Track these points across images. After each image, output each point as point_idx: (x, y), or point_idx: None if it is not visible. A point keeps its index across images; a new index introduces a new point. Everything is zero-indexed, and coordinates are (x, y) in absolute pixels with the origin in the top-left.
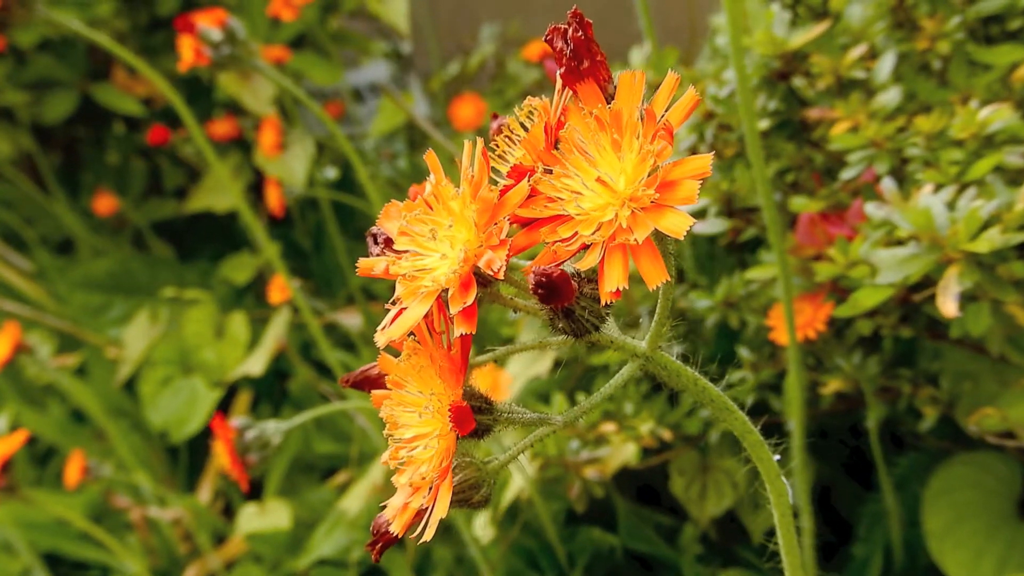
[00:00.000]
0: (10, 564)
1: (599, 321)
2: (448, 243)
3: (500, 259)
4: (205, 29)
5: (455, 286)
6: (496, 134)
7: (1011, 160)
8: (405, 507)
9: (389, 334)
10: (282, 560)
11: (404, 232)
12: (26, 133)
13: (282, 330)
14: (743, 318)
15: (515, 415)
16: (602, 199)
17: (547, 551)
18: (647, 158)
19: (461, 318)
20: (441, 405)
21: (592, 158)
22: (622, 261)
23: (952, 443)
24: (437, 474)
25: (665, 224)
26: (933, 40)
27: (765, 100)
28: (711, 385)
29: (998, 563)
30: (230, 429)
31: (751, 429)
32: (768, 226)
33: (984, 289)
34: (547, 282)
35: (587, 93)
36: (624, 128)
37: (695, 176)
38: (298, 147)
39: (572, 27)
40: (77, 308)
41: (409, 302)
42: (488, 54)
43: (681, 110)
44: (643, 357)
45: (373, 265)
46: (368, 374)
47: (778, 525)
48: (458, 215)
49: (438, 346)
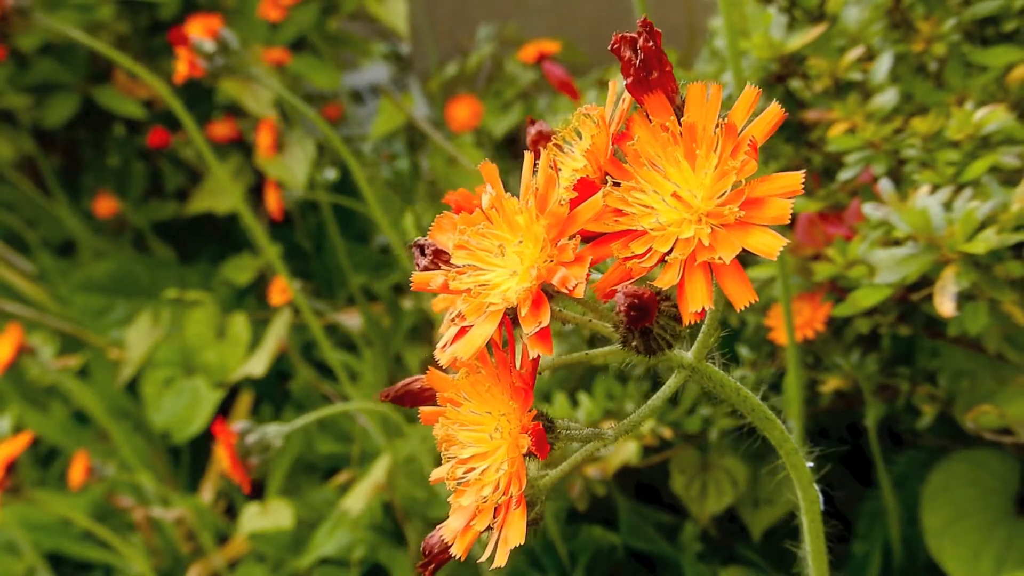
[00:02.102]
0: (14, 565)
1: (674, 340)
2: (518, 258)
3: (577, 276)
4: (198, 41)
5: (527, 305)
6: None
7: (1007, 161)
8: (467, 529)
9: (455, 352)
10: (284, 559)
11: (463, 246)
12: (27, 136)
13: (283, 331)
14: (742, 317)
15: (572, 432)
16: (678, 214)
17: (549, 549)
18: (728, 173)
19: (536, 339)
20: (511, 425)
21: (664, 172)
22: (705, 280)
23: (950, 441)
24: (507, 497)
25: (754, 243)
26: (929, 42)
27: (763, 102)
28: (752, 395)
29: (996, 560)
30: (231, 433)
31: (787, 438)
32: None
33: (981, 288)
34: (639, 304)
35: (656, 104)
36: (700, 141)
37: (786, 194)
38: (298, 149)
39: (642, 36)
40: (79, 310)
41: (474, 319)
42: (486, 55)
43: (765, 124)
44: (689, 368)
45: (429, 280)
46: (410, 388)
47: (807, 531)
48: (525, 230)
49: (502, 364)
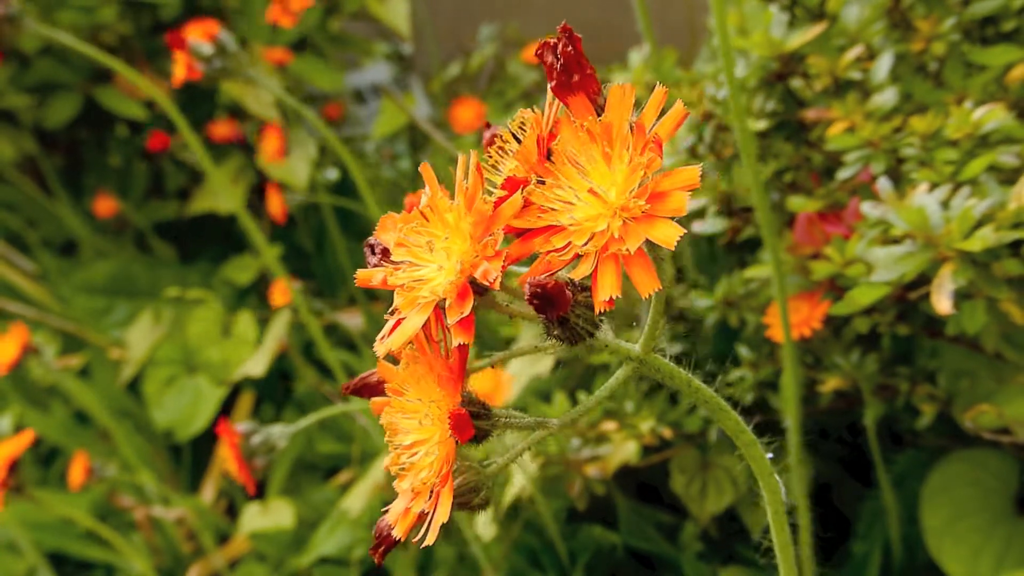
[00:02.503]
0: (15, 564)
1: (594, 328)
2: (444, 254)
3: (496, 270)
4: (196, 44)
5: (452, 296)
6: (488, 144)
7: (1005, 160)
8: (407, 512)
9: (388, 344)
10: (285, 559)
11: (401, 243)
12: (29, 136)
13: (283, 331)
14: (742, 317)
15: (512, 420)
16: (594, 209)
17: (549, 549)
18: (637, 170)
19: (459, 328)
20: (440, 412)
21: (584, 169)
22: (615, 270)
23: (950, 440)
24: (438, 479)
25: (656, 234)
26: (929, 41)
27: (763, 101)
28: (704, 386)
29: (996, 559)
30: (236, 434)
31: (744, 429)
32: (761, 225)
33: (978, 287)
34: (542, 293)
35: (578, 106)
36: (615, 140)
37: (684, 187)
38: (300, 149)
39: (562, 41)
40: (80, 312)
41: (407, 312)
42: (488, 55)
43: (669, 123)
44: (637, 360)
45: (372, 276)
46: (368, 381)
47: (771, 522)
48: (453, 227)
49: (436, 355)
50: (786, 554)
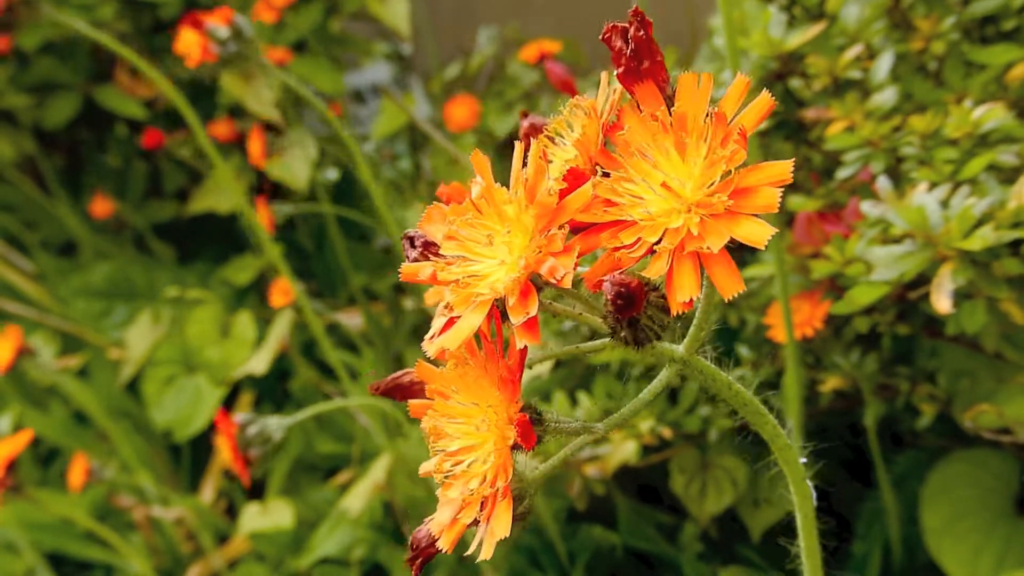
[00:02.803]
0: (14, 564)
1: (662, 331)
2: (506, 249)
3: (565, 266)
4: (213, 26)
5: (515, 295)
6: (529, 133)
7: (1004, 159)
8: (454, 522)
9: (442, 343)
10: (284, 559)
11: (452, 236)
12: (28, 136)
13: (285, 330)
14: (742, 316)
15: (562, 425)
16: (667, 204)
17: (548, 549)
18: (718, 163)
19: (523, 329)
20: (498, 417)
21: (654, 162)
22: (694, 270)
23: (950, 440)
24: (492, 489)
25: (742, 232)
26: (928, 40)
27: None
28: (744, 390)
29: (996, 559)
30: (232, 424)
31: (780, 433)
32: None
33: (978, 286)
34: (626, 293)
35: (647, 94)
36: (690, 131)
37: (775, 182)
38: (299, 149)
39: (634, 26)
40: (79, 312)
41: (462, 310)
42: (488, 55)
43: (755, 113)
44: (680, 361)
45: (418, 270)
46: (400, 381)
47: (801, 527)
48: (514, 220)
49: (491, 355)
50: (813, 559)
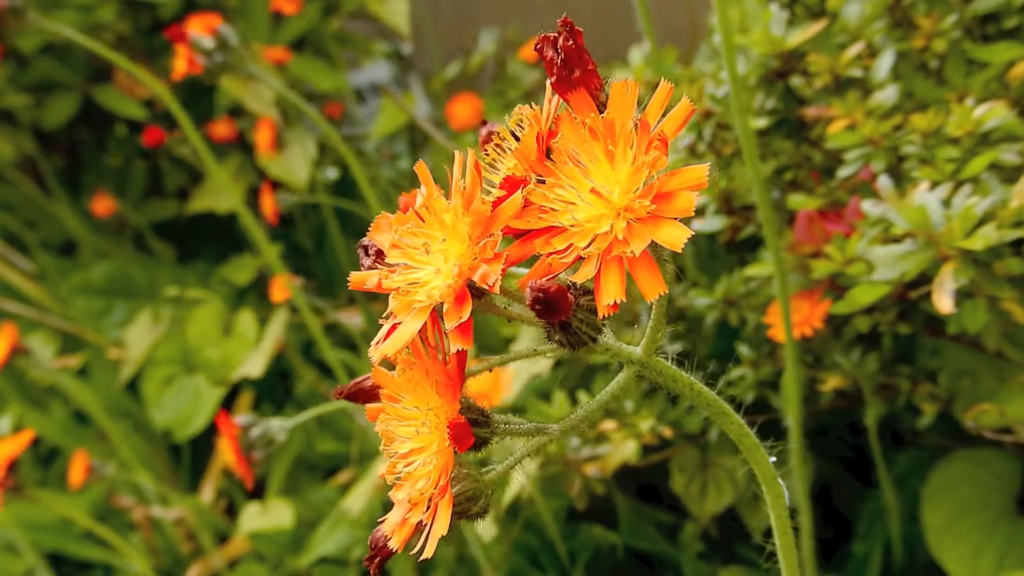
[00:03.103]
0: (14, 564)
1: (596, 333)
2: (442, 257)
3: (495, 273)
4: (197, 37)
5: (450, 300)
6: (485, 142)
7: (1006, 158)
8: (404, 522)
9: (383, 350)
10: (284, 559)
11: (396, 245)
12: (28, 136)
13: (280, 330)
14: (742, 316)
15: (512, 426)
16: (596, 210)
17: (548, 549)
18: (642, 169)
19: (457, 334)
20: (438, 420)
21: (586, 168)
22: (619, 274)
23: (951, 440)
24: (436, 490)
25: (662, 236)
26: (930, 38)
27: (763, 99)
28: (707, 389)
29: (997, 559)
30: (235, 426)
31: (747, 433)
32: (763, 224)
33: (980, 286)
34: (544, 298)
35: (579, 102)
36: (618, 138)
37: (692, 187)
38: (299, 147)
39: (563, 36)
40: (79, 313)
41: (403, 316)
42: (488, 55)
43: (676, 120)
44: (639, 364)
45: (365, 279)
46: (362, 386)
47: (775, 527)
48: (451, 228)
49: (433, 360)
50: (789, 558)
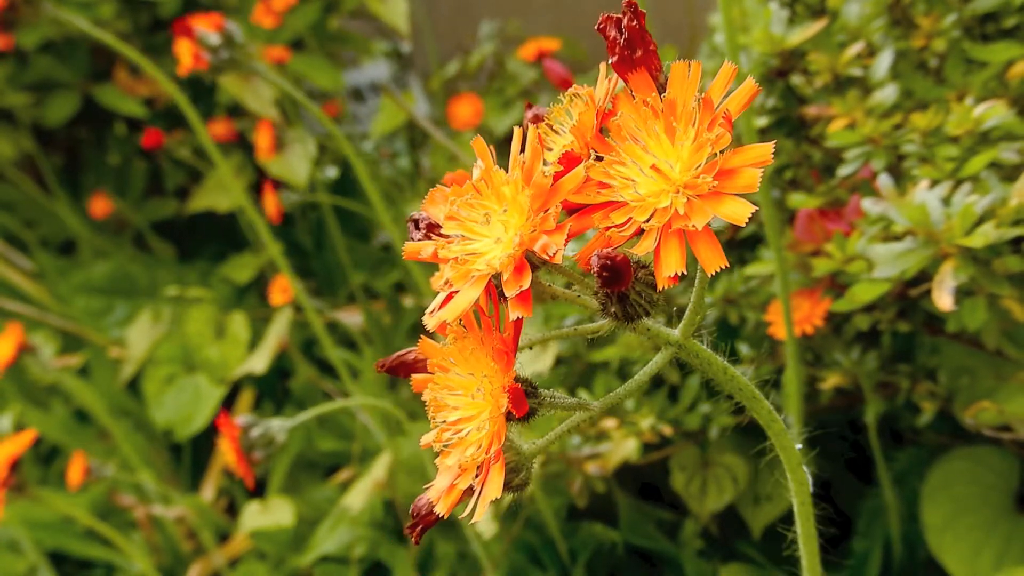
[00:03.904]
0: (15, 563)
1: (651, 307)
2: (502, 227)
3: (557, 243)
4: (203, 33)
5: (510, 270)
6: (532, 122)
7: (1006, 156)
8: (451, 488)
9: (441, 316)
10: (285, 557)
11: (453, 216)
12: (28, 134)
13: (284, 329)
14: (742, 314)
15: (557, 400)
16: (657, 186)
17: (549, 547)
18: (704, 146)
19: (517, 302)
20: (493, 387)
21: (645, 146)
22: (679, 247)
23: (950, 438)
24: (489, 454)
25: (725, 211)
26: (929, 38)
27: (764, 97)
28: (739, 374)
29: (996, 557)
30: (235, 427)
31: (776, 418)
32: (765, 223)
33: (979, 284)
34: (611, 266)
35: (639, 82)
36: (679, 116)
37: (756, 164)
38: (299, 147)
39: (627, 16)
40: (79, 312)
41: (460, 285)
42: (488, 53)
43: (740, 99)
44: (676, 345)
45: (420, 249)
46: (404, 359)
47: (797, 514)
48: (511, 200)
49: (488, 328)
50: (810, 545)
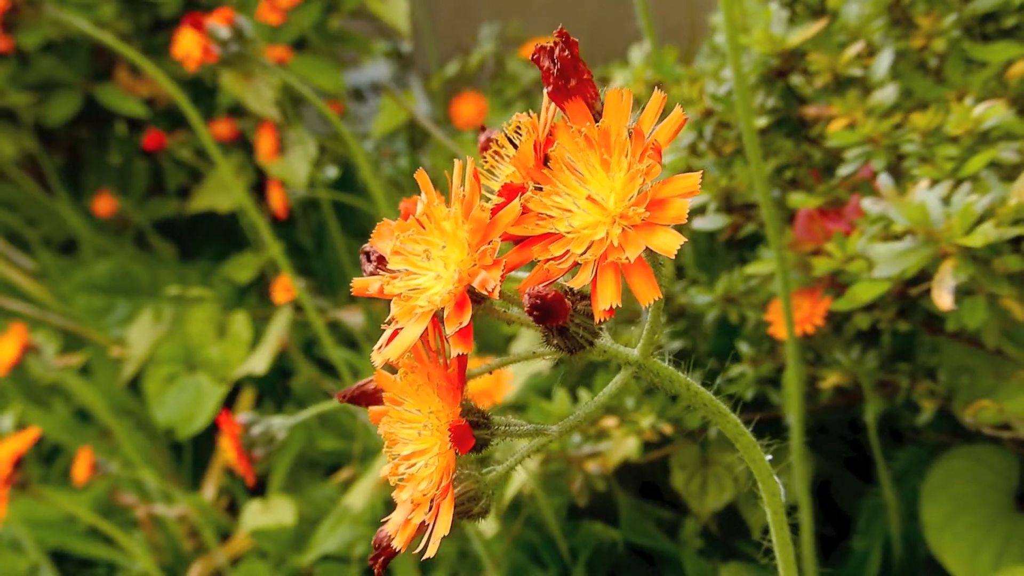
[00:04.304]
0: (17, 562)
1: (593, 337)
2: (442, 263)
3: (494, 279)
4: (214, 27)
5: (451, 306)
6: (484, 149)
7: (1005, 156)
8: (407, 523)
9: (386, 354)
10: (286, 556)
11: (398, 251)
12: (29, 134)
13: (284, 328)
14: (743, 313)
15: (512, 428)
16: (592, 217)
17: (550, 545)
18: (636, 176)
19: (457, 339)
20: (440, 423)
21: (582, 176)
22: (615, 279)
23: (950, 437)
24: (438, 491)
25: (656, 243)
26: (929, 38)
27: (763, 98)
28: (703, 390)
29: (996, 555)
30: (236, 424)
31: (743, 431)
32: (766, 222)
33: (979, 283)
34: (542, 304)
35: (575, 111)
36: (612, 146)
37: (684, 194)
38: (299, 147)
39: (559, 47)
40: (80, 311)
41: (405, 322)
42: (488, 53)
43: (668, 129)
44: (636, 365)
45: (368, 284)
46: (364, 389)
47: (771, 523)
48: (451, 235)
49: (435, 364)
50: (786, 554)
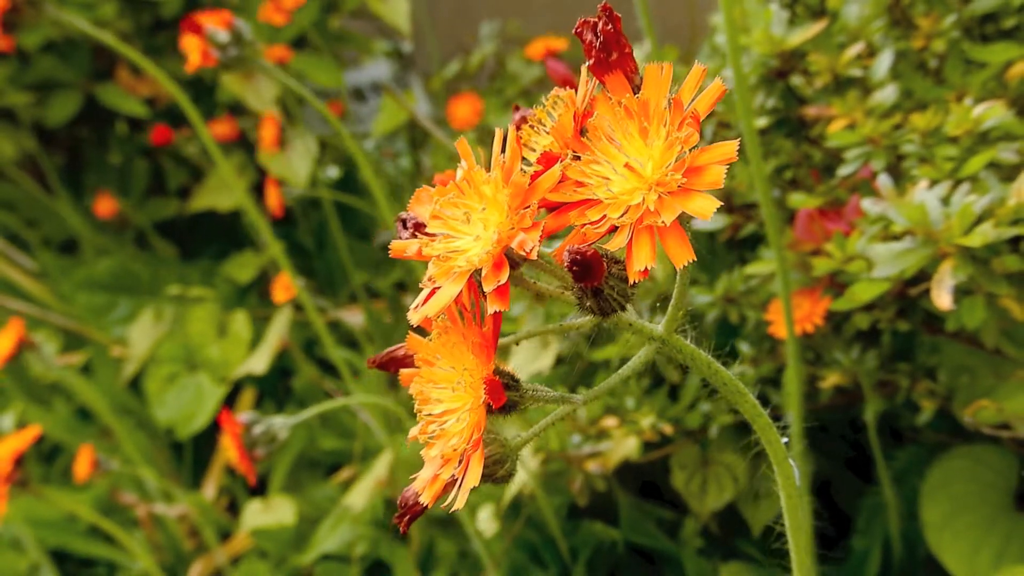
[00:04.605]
0: (18, 561)
1: (625, 301)
2: (481, 225)
3: (533, 240)
4: (212, 30)
5: (489, 266)
6: (520, 123)
7: (1005, 156)
8: (435, 478)
9: (424, 312)
10: (287, 556)
11: (436, 215)
12: (29, 134)
13: (284, 328)
14: (743, 313)
15: (539, 393)
16: (630, 183)
17: (550, 545)
18: (674, 145)
19: (495, 296)
20: (473, 379)
21: (620, 145)
22: (650, 242)
23: (950, 436)
24: (469, 445)
25: (692, 207)
26: (929, 38)
27: (764, 98)
28: (723, 369)
29: (995, 555)
30: (238, 424)
31: (761, 412)
32: (766, 222)
33: (978, 283)
34: (581, 260)
35: (615, 83)
36: (652, 116)
37: (722, 161)
38: (300, 146)
39: (602, 20)
40: (81, 309)
41: (443, 281)
42: (488, 53)
43: (708, 99)
44: (659, 340)
45: (406, 247)
46: (394, 355)
47: (784, 507)
48: (490, 199)
49: (469, 323)
50: (798, 538)
